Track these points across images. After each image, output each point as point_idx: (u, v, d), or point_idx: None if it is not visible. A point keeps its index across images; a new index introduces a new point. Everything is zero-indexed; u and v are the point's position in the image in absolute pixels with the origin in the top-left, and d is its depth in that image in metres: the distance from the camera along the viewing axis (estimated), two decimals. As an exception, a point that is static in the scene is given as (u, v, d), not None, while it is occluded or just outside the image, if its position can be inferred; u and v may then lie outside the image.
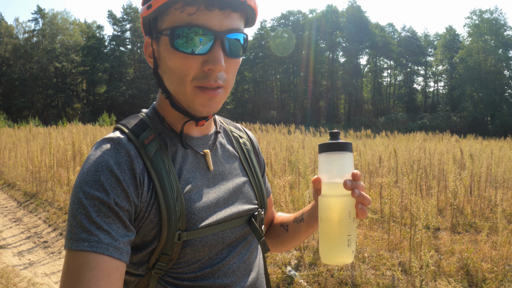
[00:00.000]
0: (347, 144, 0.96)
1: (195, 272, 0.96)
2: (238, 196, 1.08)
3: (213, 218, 0.98)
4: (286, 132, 22.00)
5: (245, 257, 1.07)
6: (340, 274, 4.25)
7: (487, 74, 52.10)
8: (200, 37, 0.88)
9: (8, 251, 5.50)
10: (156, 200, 0.90)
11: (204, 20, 0.87)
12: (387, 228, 5.53)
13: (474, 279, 4.12)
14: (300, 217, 1.22)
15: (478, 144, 14.53)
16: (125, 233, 0.85)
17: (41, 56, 61.13)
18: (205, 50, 0.89)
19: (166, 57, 0.92)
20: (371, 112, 62.07)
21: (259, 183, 1.17)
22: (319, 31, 64.31)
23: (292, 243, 1.29)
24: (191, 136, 1.05)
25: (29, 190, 8.86)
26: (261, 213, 1.14)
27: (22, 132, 19.56)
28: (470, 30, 55.02)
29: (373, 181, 7.79)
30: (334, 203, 0.95)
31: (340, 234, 0.95)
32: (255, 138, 1.32)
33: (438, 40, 63.74)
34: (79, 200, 0.83)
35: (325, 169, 0.98)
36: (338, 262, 0.97)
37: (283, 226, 1.29)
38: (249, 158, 1.19)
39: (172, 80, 0.94)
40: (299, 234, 1.24)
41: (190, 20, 0.87)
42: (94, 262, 0.79)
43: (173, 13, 0.88)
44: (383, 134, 22.44)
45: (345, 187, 0.91)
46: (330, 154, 0.97)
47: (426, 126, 43.36)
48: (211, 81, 0.91)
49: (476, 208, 6.49)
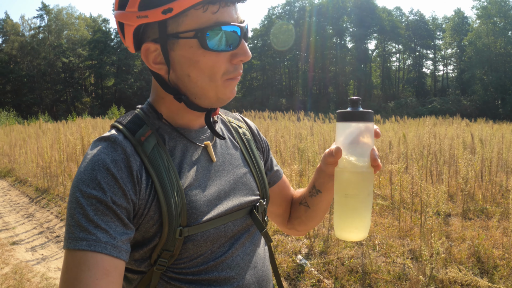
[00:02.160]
0: (370, 113, 0.93)
1: (198, 267, 0.96)
2: (240, 188, 1.07)
3: (214, 212, 0.98)
4: (295, 120, 21.95)
5: (249, 249, 1.07)
6: (350, 262, 4.25)
7: (496, 57, 51.41)
8: (230, 33, 0.90)
9: (21, 247, 5.57)
10: (155, 196, 0.90)
11: (228, 16, 0.90)
12: (397, 215, 5.51)
13: (485, 266, 4.09)
14: (314, 189, 1.18)
15: (488, 128, 14.39)
16: (123, 231, 0.85)
17: (48, 52, 61.40)
18: (236, 45, 0.92)
19: (193, 59, 0.91)
20: (380, 97, 61.61)
21: (261, 173, 1.16)
22: (326, 17, 63.81)
23: (316, 218, 1.25)
24: (190, 129, 1.04)
25: (41, 185, 8.95)
26: (263, 203, 1.13)
27: (32, 128, 19.71)
28: (479, 12, 54.18)
29: (383, 168, 7.75)
30: (364, 177, 0.92)
31: (369, 208, 0.94)
32: (254, 124, 1.30)
33: (446, 23, 62.91)
34: (77, 200, 0.83)
35: (348, 140, 0.94)
36: (359, 237, 0.95)
37: (302, 204, 1.25)
38: (250, 148, 1.18)
39: (201, 80, 0.93)
40: (321, 206, 1.20)
41: (217, 18, 0.88)
42: (92, 261, 0.79)
43: (194, 14, 0.87)
44: (393, 119, 22.30)
45: (374, 162, 0.92)
46: (353, 124, 0.93)
47: (436, 110, 42.96)
48: (239, 70, 0.96)
49: (487, 193, 6.43)
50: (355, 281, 3.97)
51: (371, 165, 0.93)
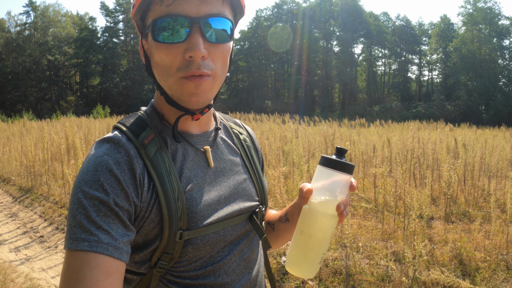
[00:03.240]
0: (352, 166, 0.95)
1: (196, 271, 0.97)
2: (239, 193, 1.08)
3: (214, 217, 0.99)
4: (280, 122, 22.02)
5: (246, 255, 1.08)
6: (334, 264, 4.29)
7: (481, 63, 52.05)
8: (177, 25, 0.88)
9: (5, 247, 5.51)
10: (156, 200, 0.91)
11: (181, 9, 0.87)
12: (381, 218, 5.58)
13: (467, 268, 4.17)
14: (284, 217, 1.21)
15: (472, 133, 14.61)
16: (125, 232, 0.85)
17: (33, 49, 60.54)
18: (183, 37, 0.89)
19: (153, 52, 0.93)
20: (365, 101, 62.00)
21: (260, 179, 1.17)
22: (313, 20, 64.05)
23: (277, 242, 1.28)
24: (191, 133, 1.05)
25: (24, 185, 8.84)
26: (262, 209, 1.14)
27: (16, 126, 19.45)
28: (464, 19, 54.83)
29: (367, 171, 7.83)
30: (323, 221, 0.94)
31: (318, 252, 0.95)
32: (254, 133, 1.31)
33: (432, 29, 63.54)
34: (79, 200, 0.83)
35: (322, 184, 0.96)
36: (305, 276, 0.97)
37: (269, 224, 1.28)
38: (250, 154, 1.19)
39: (161, 74, 0.94)
40: (284, 234, 1.24)
41: (168, 11, 0.88)
42: (93, 261, 0.79)
43: (154, 8, 0.90)
44: (377, 123, 22.49)
45: (338, 210, 0.94)
46: (332, 172, 0.95)
47: (421, 115, 43.40)
48: (193, 69, 0.89)
49: (469, 197, 6.54)
50: (339, 282, 4.01)
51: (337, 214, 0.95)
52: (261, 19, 67.22)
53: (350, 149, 8.55)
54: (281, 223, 1.23)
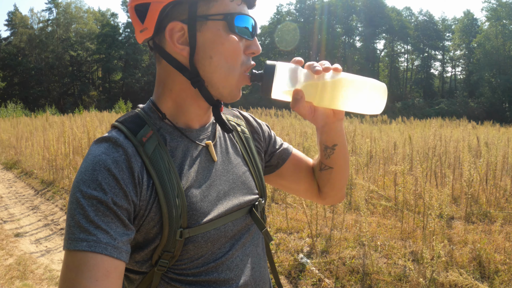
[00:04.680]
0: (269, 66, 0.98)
1: (198, 268, 0.97)
2: (239, 187, 1.07)
3: (214, 213, 0.98)
4: (301, 118, 21.92)
5: (248, 249, 1.07)
6: (351, 262, 4.26)
7: (505, 60, 50.93)
8: (249, 24, 0.99)
9: (26, 239, 5.62)
10: (156, 198, 0.90)
11: (245, 10, 0.99)
12: (400, 217, 5.51)
13: (486, 271, 4.08)
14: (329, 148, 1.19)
15: (495, 131, 14.32)
16: (124, 232, 0.85)
17: (56, 45, 61.63)
18: (251, 36, 1.00)
19: (218, 41, 0.95)
20: (388, 97, 61.19)
21: (259, 172, 1.16)
22: (335, 15, 63.58)
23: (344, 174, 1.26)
24: (191, 128, 1.04)
25: (46, 178, 9.01)
26: (262, 202, 1.13)
27: (39, 121, 19.82)
28: (488, 14, 53.78)
29: (388, 168, 7.74)
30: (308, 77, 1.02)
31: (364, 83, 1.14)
32: (251, 116, 1.29)
33: (455, 25, 62.49)
34: (77, 200, 0.83)
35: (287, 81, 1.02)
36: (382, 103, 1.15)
37: (323, 169, 1.24)
38: (248, 146, 1.18)
39: (221, 65, 0.96)
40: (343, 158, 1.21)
41: (240, 9, 0.97)
42: (92, 262, 0.79)
43: (224, 1, 0.94)
44: (399, 119, 22.21)
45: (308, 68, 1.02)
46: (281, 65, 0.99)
47: (443, 112, 42.72)
48: (252, 62, 1.03)
49: (491, 197, 6.40)
50: (355, 281, 3.98)
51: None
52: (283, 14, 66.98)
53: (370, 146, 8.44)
54: (331, 156, 1.21)
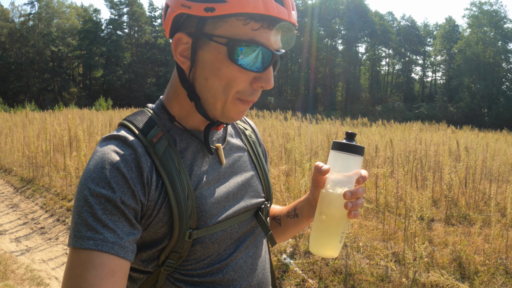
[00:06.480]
0: (362, 148, 0.99)
1: (204, 269, 0.97)
2: (247, 190, 1.08)
3: (223, 215, 0.98)
4: (282, 119, 22.00)
5: (251, 251, 1.08)
6: (334, 263, 4.30)
7: (485, 66, 51.87)
8: (260, 55, 0.89)
9: (6, 237, 5.53)
10: (165, 199, 0.90)
11: (265, 38, 0.88)
12: (382, 218, 5.59)
13: (467, 272, 4.18)
14: (293, 212, 1.23)
15: (474, 136, 14.59)
16: (130, 231, 0.84)
17: (37, 40, 60.49)
18: (262, 69, 0.90)
19: (216, 65, 0.90)
20: (368, 100, 61.91)
21: (266, 175, 1.17)
22: (319, 18, 63.90)
23: (283, 237, 1.30)
24: (200, 130, 1.03)
25: (26, 175, 8.87)
26: (268, 205, 1.14)
27: (18, 116, 19.46)
28: (470, 21, 54.68)
29: (369, 171, 7.83)
30: (339, 199, 0.98)
31: (337, 230, 0.99)
32: (257, 128, 1.31)
33: (437, 30, 63.39)
34: (85, 198, 0.82)
35: (337, 166, 1.01)
36: (327, 255, 1.01)
37: (275, 219, 1.29)
38: (256, 150, 1.19)
39: (215, 88, 0.92)
40: (291, 229, 1.25)
41: (254, 36, 0.87)
42: (98, 260, 0.79)
43: (234, 23, 0.86)
44: (380, 122, 22.47)
45: (345, 197, 0.96)
46: (344, 155, 0.99)
47: (423, 116, 43.37)
48: (255, 97, 0.94)
49: (470, 200, 6.54)
50: (339, 281, 4.02)
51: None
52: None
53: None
54: (289, 219, 1.24)
